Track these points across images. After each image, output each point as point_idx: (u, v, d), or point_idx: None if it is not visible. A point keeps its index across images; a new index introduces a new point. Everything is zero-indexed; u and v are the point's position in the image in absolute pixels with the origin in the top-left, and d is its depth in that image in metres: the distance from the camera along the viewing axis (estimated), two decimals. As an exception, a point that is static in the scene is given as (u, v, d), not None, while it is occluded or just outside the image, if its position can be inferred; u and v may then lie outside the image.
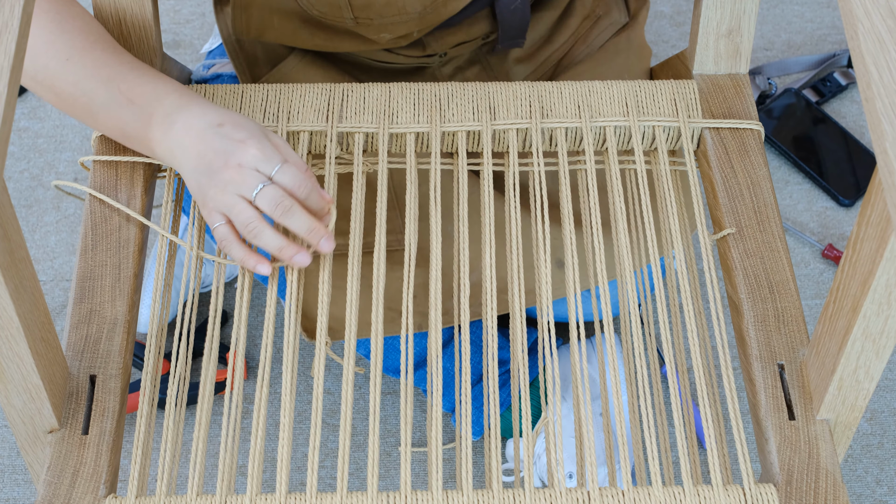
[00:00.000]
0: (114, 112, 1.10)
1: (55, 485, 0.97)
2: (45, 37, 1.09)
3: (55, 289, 1.73)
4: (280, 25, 1.22)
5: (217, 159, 1.04)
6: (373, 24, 1.20)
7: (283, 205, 1.04)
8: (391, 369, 1.49)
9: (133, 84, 1.10)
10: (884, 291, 0.89)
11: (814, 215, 1.81)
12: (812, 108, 1.91)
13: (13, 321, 0.89)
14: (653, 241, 1.11)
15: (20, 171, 1.85)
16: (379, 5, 1.17)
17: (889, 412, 1.62)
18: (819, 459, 1.00)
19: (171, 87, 1.10)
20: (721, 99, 1.23)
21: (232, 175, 1.04)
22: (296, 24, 1.22)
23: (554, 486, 0.98)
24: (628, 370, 1.12)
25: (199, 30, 2.04)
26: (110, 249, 1.11)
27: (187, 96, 1.09)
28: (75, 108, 1.12)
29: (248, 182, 1.04)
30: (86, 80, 1.10)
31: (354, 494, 0.96)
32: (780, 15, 2.06)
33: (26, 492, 1.56)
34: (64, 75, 1.10)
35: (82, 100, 1.11)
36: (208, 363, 1.05)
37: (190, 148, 1.06)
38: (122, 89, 1.09)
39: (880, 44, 0.81)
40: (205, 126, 1.06)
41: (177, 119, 1.07)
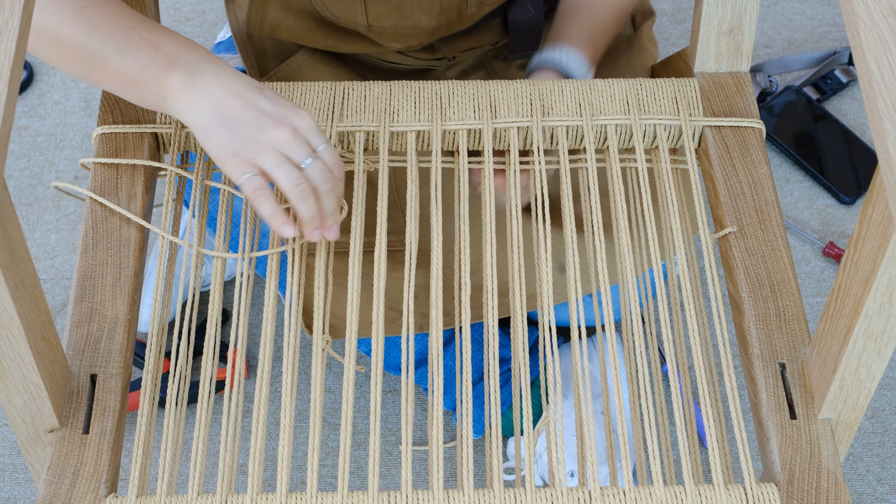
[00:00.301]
0: (131, 55, 1.04)
1: (56, 484, 0.97)
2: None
3: (56, 287, 1.73)
4: (294, 24, 1.22)
5: (266, 118, 1.01)
6: (385, 33, 1.20)
7: (329, 181, 1.02)
8: (392, 367, 1.49)
9: (155, 32, 1.05)
10: (885, 290, 0.89)
11: (815, 213, 1.81)
12: (813, 106, 1.90)
13: (13, 320, 0.89)
14: (654, 244, 1.11)
15: (20, 170, 1.85)
16: (394, 17, 1.17)
17: (890, 410, 1.62)
18: (820, 459, 0.99)
19: (196, 44, 1.06)
20: (722, 97, 1.22)
21: (287, 136, 1.01)
22: (310, 25, 1.22)
23: (555, 485, 0.98)
24: (629, 369, 1.12)
25: (200, 27, 2.04)
26: (111, 248, 1.11)
27: (211, 54, 1.05)
28: (78, 57, 1.06)
29: (302, 149, 1.01)
30: (101, 27, 1.04)
31: (355, 494, 0.96)
32: (780, 12, 2.05)
33: (27, 491, 1.56)
34: (74, 23, 1.04)
35: (92, 46, 1.05)
36: (208, 362, 1.04)
37: (225, 99, 1.02)
38: (143, 35, 1.04)
39: (881, 42, 0.81)
40: (241, 85, 1.02)
41: (206, 68, 1.03)
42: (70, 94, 1.95)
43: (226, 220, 1.13)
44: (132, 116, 1.19)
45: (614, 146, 1.18)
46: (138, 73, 1.05)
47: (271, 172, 1.01)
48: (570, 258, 1.10)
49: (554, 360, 1.06)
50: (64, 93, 1.95)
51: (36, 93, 1.95)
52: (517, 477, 1.11)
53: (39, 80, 1.96)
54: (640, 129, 1.19)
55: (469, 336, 1.05)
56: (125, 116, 1.19)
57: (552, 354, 1.06)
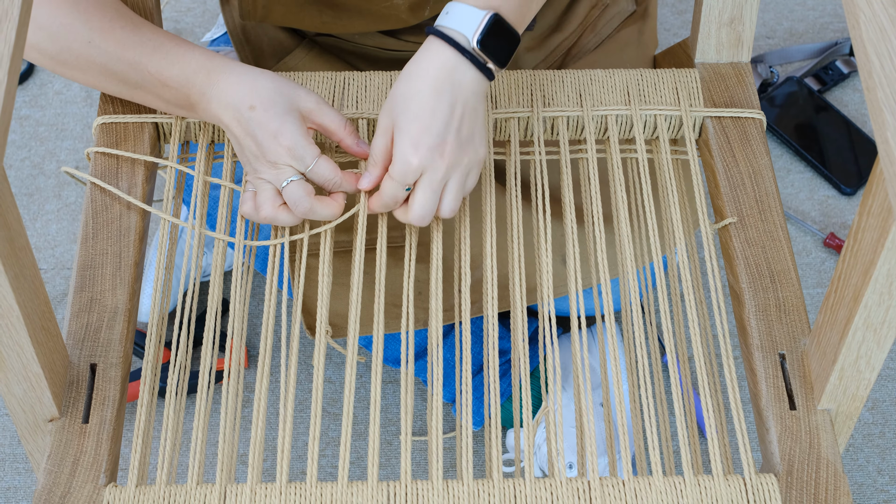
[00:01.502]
0: (151, 90, 1.11)
1: (55, 473, 0.97)
2: (61, 18, 1.08)
3: (56, 277, 1.73)
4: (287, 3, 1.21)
5: (255, 148, 1.05)
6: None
7: (303, 206, 1.06)
8: (391, 359, 1.49)
9: (161, 66, 1.09)
10: (885, 281, 0.89)
11: (815, 204, 1.81)
12: (814, 97, 1.90)
13: (13, 309, 0.89)
14: (655, 237, 1.11)
15: (21, 160, 1.85)
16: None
17: (890, 401, 1.62)
18: (820, 449, 1.00)
19: (197, 65, 1.09)
20: (723, 87, 1.22)
21: (267, 169, 1.06)
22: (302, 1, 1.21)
23: (554, 475, 0.98)
24: (629, 359, 1.12)
25: (200, 17, 2.04)
26: (111, 238, 1.11)
27: (215, 72, 1.08)
28: (107, 86, 1.13)
29: (283, 176, 1.06)
30: (112, 62, 1.10)
31: (355, 484, 0.96)
32: (782, 3, 2.05)
33: (27, 480, 1.56)
34: (89, 57, 1.10)
35: (113, 80, 1.11)
36: (208, 351, 1.05)
37: (230, 126, 1.07)
38: (151, 72, 1.09)
39: (882, 32, 0.80)
40: (238, 107, 1.06)
41: (212, 98, 1.07)
42: (71, 84, 1.95)
43: (226, 214, 1.13)
44: (133, 106, 1.19)
45: (615, 137, 1.18)
46: (164, 103, 1.13)
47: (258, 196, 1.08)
48: (571, 249, 1.10)
49: (553, 351, 1.06)
50: (65, 83, 1.95)
51: (37, 83, 1.95)
52: (516, 468, 1.12)
53: (40, 70, 1.96)
54: (641, 120, 1.19)
55: (468, 327, 1.05)
56: (126, 106, 1.19)
57: (552, 345, 1.06)
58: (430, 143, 1.02)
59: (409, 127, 1.02)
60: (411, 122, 1.02)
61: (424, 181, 1.03)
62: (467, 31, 1.01)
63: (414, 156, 1.02)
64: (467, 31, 1.01)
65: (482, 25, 1.01)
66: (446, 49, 1.02)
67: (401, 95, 1.02)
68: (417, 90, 1.01)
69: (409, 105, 1.02)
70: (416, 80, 1.02)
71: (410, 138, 1.02)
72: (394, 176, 1.04)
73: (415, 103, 1.01)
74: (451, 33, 1.02)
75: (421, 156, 1.02)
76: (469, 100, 1.03)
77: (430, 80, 1.01)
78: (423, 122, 1.01)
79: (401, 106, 1.02)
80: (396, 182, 1.04)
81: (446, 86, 1.01)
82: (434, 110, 1.01)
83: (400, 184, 1.04)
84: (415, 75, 1.02)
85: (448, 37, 1.02)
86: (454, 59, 1.01)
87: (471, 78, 1.02)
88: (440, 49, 1.02)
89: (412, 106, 1.01)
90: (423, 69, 1.02)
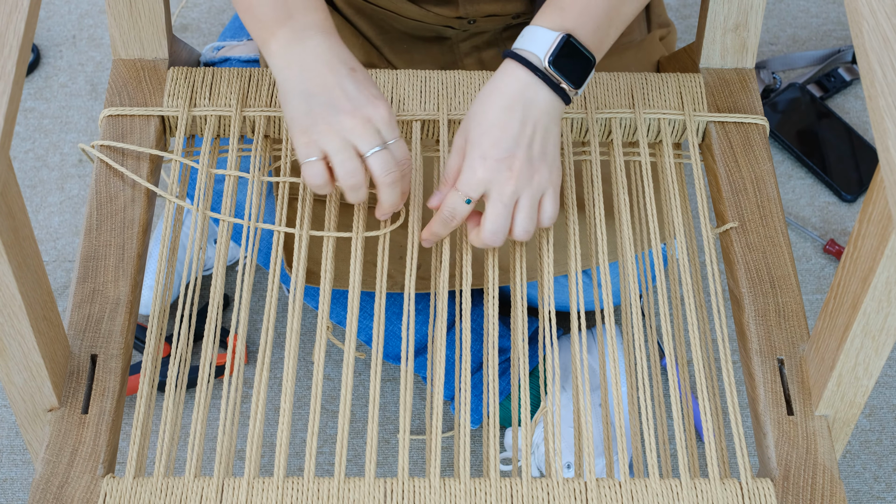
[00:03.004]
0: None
1: (53, 463, 0.98)
2: None
3: (58, 269, 1.74)
4: None
5: (345, 102, 1.03)
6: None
7: (394, 174, 1.04)
8: (391, 356, 1.50)
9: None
10: (884, 289, 0.89)
11: (816, 210, 1.81)
12: (816, 103, 1.91)
13: (16, 298, 0.89)
14: (655, 229, 1.12)
15: (25, 152, 1.86)
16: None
17: (888, 408, 1.63)
18: (817, 455, 1.00)
19: (321, 3, 1.07)
20: (727, 93, 1.23)
21: (355, 124, 1.03)
22: None
23: (551, 475, 0.98)
24: (628, 362, 1.12)
25: (207, 13, 2.05)
26: (115, 230, 1.11)
27: (329, 22, 1.07)
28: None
29: (369, 139, 1.03)
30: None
31: (352, 480, 0.97)
32: (785, 10, 2.05)
33: (24, 472, 1.56)
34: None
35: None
36: (209, 346, 1.05)
37: (314, 74, 1.04)
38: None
39: (885, 42, 0.81)
40: (338, 62, 1.04)
41: (312, 36, 1.05)
42: (76, 77, 1.95)
43: (230, 205, 1.14)
44: (139, 99, 1.20)
45: (618, 140, 1.18)
46: (256, 6, 1.07)
47: (331, 157, 1.04)
48: (571, 235, 1.11)
49: (553, 351, 1.06)
50: (70, 76, 1.95)
51: (42, 75, 1.95)
52: (514, 467, 1.12)
53: (46, 62, 1.96)
54: (645, 124, 1.19)
55: (468, 325, 1.06)
56: (132, 99, 1.20)
57: (552, 345, 1.07)
58: (498, 156, 1.03)
59: (480, 140, 1.03)
60: (482, 136, 1.03)
61: (493, 195, 1.04)
62: (539, 51, 1.04)
63: (481, 167, 1.03)
64: (539, 52, 1.04)
65: (554, 45, 1.03)
66: (519, 69, 1.04)
67: (474, 114, 1.05)
68: (489, 107, 1.04)
69: (481, 121, 1.04)
70: (489, 98, 1.04)
71: (480, 150, 1.03)
72: (458, 186, 1.05)
73: (486, 119, 1.03)
74: (524, 53, 1.04)
75: (488, 167, 1.03)
76: (541, 119, 1.04)
77: (502, 97, 1.03)
78: (493, 136, 1.03)
79: (473, 122, 1.04)
80: (460, 193, 1.05)
81: (518, 104, 1.03)
82: (504, 125, 1.03)
83: (462, 194, 1.05)
84: (488, 94, 1.04)
85: (521, 57, 1.04)
86: (526, 77, 1.03)
87: (543, 97, 1.04)
88: (514, 69, 1.04)
89: (483, 121, 1.03)
90: (496, 88, 1.04)
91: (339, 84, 1.03)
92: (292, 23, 1.05)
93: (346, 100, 1.03)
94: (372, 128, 1.03)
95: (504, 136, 1.03)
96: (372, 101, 1.03)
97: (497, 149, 1.03)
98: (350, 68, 1.04)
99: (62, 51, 1.98)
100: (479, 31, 1.32)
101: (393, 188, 1.05)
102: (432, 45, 1.34)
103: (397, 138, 1.04)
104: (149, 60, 1.23)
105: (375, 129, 1.03)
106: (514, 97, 1.03)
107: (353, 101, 1.03)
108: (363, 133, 1.03)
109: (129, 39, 1.22)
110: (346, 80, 1.03)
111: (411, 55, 1.34)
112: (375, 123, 1.03)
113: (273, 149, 1.20)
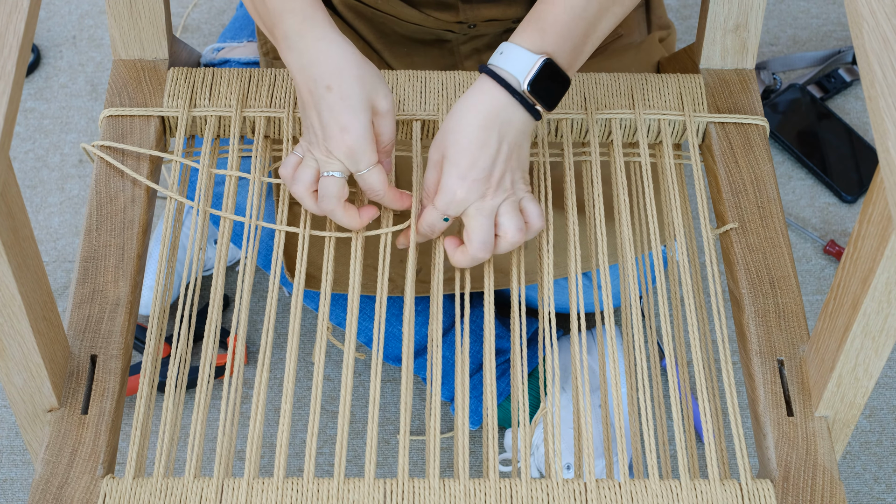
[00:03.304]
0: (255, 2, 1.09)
1: (53, 463, 0.98)
2: None
3: (58, 270, 1.74)
4: None
5: (318, 127, 1.05)
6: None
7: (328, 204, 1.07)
8: (391, 357, 1.50)
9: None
10: (884, 289, 0.89)
11: (816, 211, 1.81)
12: (816, 104, 1.91)
13: (15, 299, 0.89)
14: (655, 229, 1.12)
15: (25, 152, 1.86)
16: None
17: (888, 409, 1.63)
18: (816, 456, 1.00)
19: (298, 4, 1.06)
20: (727, 94, 1.23)
21: (320, 154, 1.06)
22: None
23: (551, 476, 0.98)
24: (628, 362, 1.12)
25: (207, 14, 2.05)
26: (115, 230, 1.11)
27: (308, 20, 1.06)
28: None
29: (329, 166, 1.06)
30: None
31: (351, 480, 0.97)
32: (786, 10, 2.06)
33: (24, 473, 1.56)
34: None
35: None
36: (209, 346, 1.05)
37: (301, 90, 1.06)
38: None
39: (885, 42, 0.81)
40: (316, 81, 1.05)
41: (292, 46, 1.06)
42: (77, 77, 1.95)
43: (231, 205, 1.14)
44: (139, 100, 1.20)
45: (618, 140, 1.18)
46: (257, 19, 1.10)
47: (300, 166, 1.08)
48: (571, 237, 1.11)
49: (553, 352, 1.06)
50: (70, 76, 1.95)
51: (42, 76, 1.95)
52: (513, 468, 1.12)
53: (46, 63, 1.97)
54: (645, 124, 1.19)
55: (468, 326, 1.06)
56: (133, 99, 1.20)
57: (551, 346, 1.07)
58: (477, 177, 1.04)
59: (458, 159, 1.04)
60: (459, 154, 1.04)
61: (472, 210, 1.06)
62: (519, 73, 1.04)
63: (460, 188, 1.04)
64: (519, 74, 1.04)
65: (534, 69, 1.04)
66: (496, 89, 1.04)
67: (451, 130, 1.05)
68: (467, 124, 1.04)
69: (458, 139, 1.04)
70: (467, 115, 1.04)
71: (458, 170, 1.04)
72: (437, 205, 1.06)
73: (464, 137, 1.04)
74: (503, 74, 1.04)
75: (467, 188, 1.04)
76: (516, 137, 1.05)
77: (479, 116, 1.04)
78: (471, 156, 1.04)
79: (450, 139, 1.05)
80: (438, 211, 1.06)
81: (495, 123, 1.04)
82: (482, 144, 1.04)
83: (441, 213, 1.06)
84: (465, 111, 1.05)
85: (500, 77, 1.04)
86: (504, 99, 1.04)
87: (518, 118, 1.05)
88: (491, 88, 1.04)
89: (461, 139, 1.04)
90: (473, 105, 1.04)
91: (315, 107, 1.05)
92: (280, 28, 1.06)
93: (320, 127, 1.05)
94: (335, 159, 1.05)
95: (482, 155, 1.04)
96: (337, 133, 1.04)
97: (475, 169, 1.04)
98: (325, 87, 1.04)
99: (62, 51, 1.98)
100: (480, 34, 1.33)
101: (332, 215, 1.08)
102: (432, 49, 1.34)
103: (365, 169, 1.06)
104: (149, 61, 1.23)
105: (338, 160, 1.05)
106: (491, 117, 1.04)
107: (324, 128, 1.05)
108: (326, 163, 1.06)
109: (130, 40, 1.22)
110: (321, 104, 1.04)
111: (411, 58, 1.34)
112: (337, 156, 1.05)
113: (273, 149, 1.20)
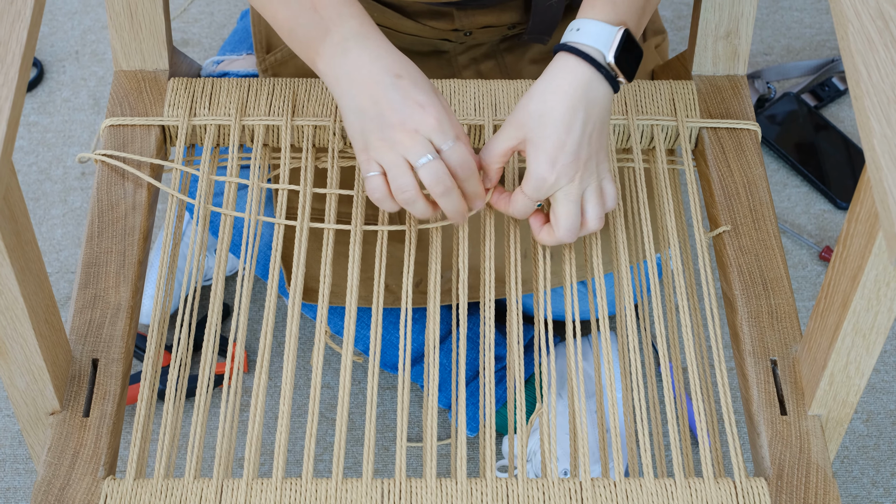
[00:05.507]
0: (291, 7, 1.06)
1: (55, 465, 0.99)
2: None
3: (60, 280, 1.75)
4: None
5: (392, 115, 1.02)
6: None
7: (445, 184, 1.03)
8: (388, 365, 1.50)
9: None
10: (873, 287, 0.90)
11: (811, 218, 1.82)
12: (810, 113, 1.92)
13: (18, 301, 0.91)
14: (649, 237, 1.13)
15: (28, 165, 1.87)
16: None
17: (885, 414, 1.63)
18: (810, 455, 1.01)
19: (355, 10, 1.05)
20: (719, 99, 1.24)
21: (403, 137, 1.02)
22: None
23: (547, 475, 0.99)
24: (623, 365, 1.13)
25: (208, 28, 2.06)
26: (116, 237, 1.12)
27: (367, 25, 1.05)
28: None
29: (418, 149, 1.02)
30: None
31: (349, 481, 0.98)
32: (779, 20, 2.07)
33: (26, 481, 1.57)
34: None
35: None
36: (208, 353, 1.06)
37: (361, 88, 1.03)
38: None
39: (869, 44, 0.82)
40: (381, 71, 1.03)
41: (352, 48, 1.03)
42: (79, 91, 1.97)
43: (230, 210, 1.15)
44: (140, 109, 1.21)
45: (612, 146, 1.20)
46: (295, 28, 1.06)
47: (387, 170, 1.03)
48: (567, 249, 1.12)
49: (549, 359, 1.07)
50: (73, 90, 1.97)
51: (45, 90, 1.97)
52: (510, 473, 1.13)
53: (49, 77, 1.98)
54: (638, 130, 1.21)
55: (465, 333, 1.06)
56: (133, 109, 1.21)
57: (547, 353, 1.08)
58: (566, 161, 1.02)
59: (545, 144, 1.02)
60: (546, 139, 1.02)
61: (561, 195, 1.04)
62: (602, 46, 1.02)
63: (551, 173, 1.02)
64: (602, 47, 1.02)
65: (617, 41, 1.02)
66: (581, 65, 1.02)
67: (536, 112, 1.02)
68: (552, 107, 1.02)
69: (545, 122, 1.02)
70: (553, 97, 1.02)
71: (547, 155, 1.02)
72: (527, 192, 1.04)
73: (550, 119, 1.01)
74: (586, 49, 1.02)
75: (558, 173, 1.02)
76: (601, 115, 1.03)
77: (566, 97, 1.01)
78: (558, 139, 1.01)
79: (535, 122, 1.02)
80: (529, 198, 1.05)
81: (581, 103, 1.02)
82: (569, 127, 1.01)
83: (532, 199, 1.05)
84: (551, 92, 1.02)
85: (584, 53, 1.02)
86: (589, 74, 1.02)
87: (603, 93, 1.03)
88: (575, 66, 1.02)
89: (547, 122, 1.02)
90: (558, 87, 1.02)
91: (385, 96, 1.02)
92: (330, 37, 1.04)
93: (393, 112, 1.02)
94: (420, 138, 1.02)
95: (569, 139, 1.02)
96: (418, 110, 1.02)
97: (564, 153, 1.02)
98: (395, 75, 1.02)
99: (65, 66, 2.00)
100: (476, 43, 1.34)
101: (447, 197, 1.04)
102: (430, 60, 1.35)
103: (453, 142, 1.02)
104: (150, 71, 1.24)
105: (424, 138, 1.02)
106: (577, 96, 1.01)
107: (400, 112, 1.02)
108: (412, 146, 1.02)
109: (131, 51, 1.23)
110: (391, 91, 1.02)
111: None
112: (424, 133, 1.02)
113: (272, 157, 1.21)
